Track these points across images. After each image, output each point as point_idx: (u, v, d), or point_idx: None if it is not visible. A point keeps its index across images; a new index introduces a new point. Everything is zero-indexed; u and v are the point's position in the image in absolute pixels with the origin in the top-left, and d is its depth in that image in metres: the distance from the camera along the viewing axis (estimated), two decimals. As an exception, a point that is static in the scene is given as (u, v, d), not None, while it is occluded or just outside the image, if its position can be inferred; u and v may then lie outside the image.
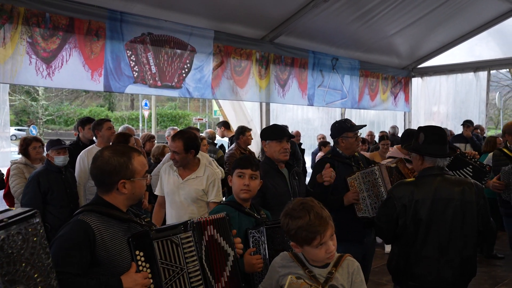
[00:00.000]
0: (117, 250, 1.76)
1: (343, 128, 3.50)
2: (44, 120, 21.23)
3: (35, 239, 1.21)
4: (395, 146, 4.66)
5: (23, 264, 1.14)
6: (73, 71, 4.98)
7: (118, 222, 1.82)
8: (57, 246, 1.69)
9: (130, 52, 5.49)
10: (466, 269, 2.66)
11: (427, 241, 2.63)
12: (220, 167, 5.57)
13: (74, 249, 1.67)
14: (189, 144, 3.31)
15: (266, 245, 2.28)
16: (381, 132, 9.05)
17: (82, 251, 1.67)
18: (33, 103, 19.15)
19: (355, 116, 9.92)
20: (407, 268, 2.68)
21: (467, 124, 8.49)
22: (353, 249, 2.64)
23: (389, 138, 7.90)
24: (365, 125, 4.06)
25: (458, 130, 9.31)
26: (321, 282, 1.77)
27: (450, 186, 2.66)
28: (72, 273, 1.64)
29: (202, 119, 29.13)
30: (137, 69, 5.56)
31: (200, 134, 6.35)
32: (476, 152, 3.87)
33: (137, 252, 1.76)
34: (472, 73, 10.07)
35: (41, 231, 1.24)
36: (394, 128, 10.07)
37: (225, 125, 7.37)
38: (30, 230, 1.20)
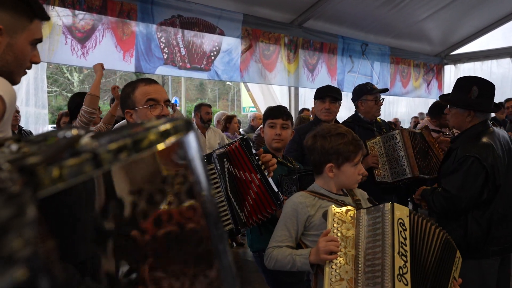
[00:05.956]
0: None
1: (362, 91, 3.45)
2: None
3: None
4: (425, 118, 4.58)
5: None
6: (106, 52, 5.13)
7: None
8: None
9: (160, 34, 5.60)
10: None
11: (503, 198, 2.42)
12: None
13: None
14: None
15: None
16: (415, 117, 8.80)
17: None
18: (68, 94, 19.90)
19: (385, 105, 9.74)
20: (488, 232, 2.38)
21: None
22: None
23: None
24: (387, 89, 4.01)
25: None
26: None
27: (502, 134, 2.56)
28: None
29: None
30: (167, 51, 5.67)
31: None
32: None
33: None
34: (508, 59, 9.72)
35: None
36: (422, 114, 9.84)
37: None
38: None
